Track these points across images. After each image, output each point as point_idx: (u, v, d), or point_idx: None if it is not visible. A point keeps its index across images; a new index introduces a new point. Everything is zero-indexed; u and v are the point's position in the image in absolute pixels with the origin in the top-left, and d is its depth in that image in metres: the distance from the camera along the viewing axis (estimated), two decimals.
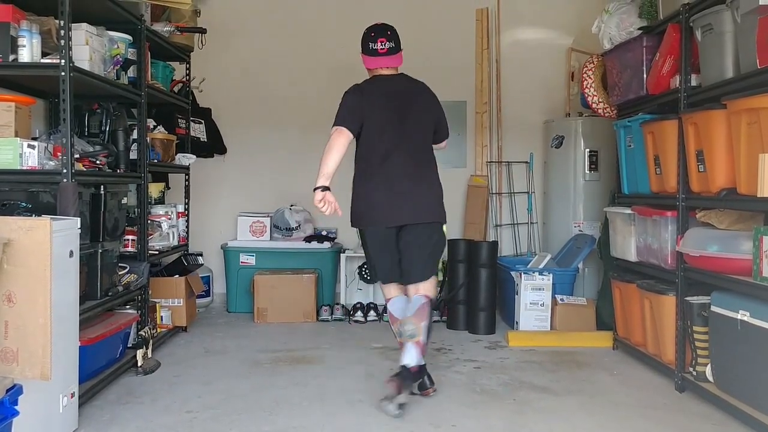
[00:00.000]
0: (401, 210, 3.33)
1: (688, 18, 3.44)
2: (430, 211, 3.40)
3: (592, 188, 5.28)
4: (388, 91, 3.43)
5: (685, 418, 3.16)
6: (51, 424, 2.74)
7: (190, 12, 4.70)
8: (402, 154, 3.35)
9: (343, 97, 3.41)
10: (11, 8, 3.06)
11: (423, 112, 3.46)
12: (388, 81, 3.47)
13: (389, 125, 3.36)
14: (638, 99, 3.98)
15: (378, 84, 3.45)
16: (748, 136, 2.92)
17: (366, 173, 3.40)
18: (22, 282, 2.47)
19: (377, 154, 3.36)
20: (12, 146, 3.01)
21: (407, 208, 3.33)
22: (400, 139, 3.36)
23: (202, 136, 5.55)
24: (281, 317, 5.14)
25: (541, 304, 4.69)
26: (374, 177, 3.37)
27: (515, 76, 5.92)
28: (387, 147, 3.35)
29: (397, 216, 3.33)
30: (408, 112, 3.40)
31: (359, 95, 3.38)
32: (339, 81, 5.59)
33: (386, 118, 3.37)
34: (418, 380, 3.34)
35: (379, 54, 3.43)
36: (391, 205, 3.32)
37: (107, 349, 3.56)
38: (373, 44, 3.43)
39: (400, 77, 3.51)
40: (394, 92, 3.43)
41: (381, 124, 3.36)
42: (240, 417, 3.13)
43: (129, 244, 4.08)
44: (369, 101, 3.37)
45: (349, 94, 3.41)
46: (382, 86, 3.44)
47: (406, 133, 3.38)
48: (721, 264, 3.15)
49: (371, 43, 3.43)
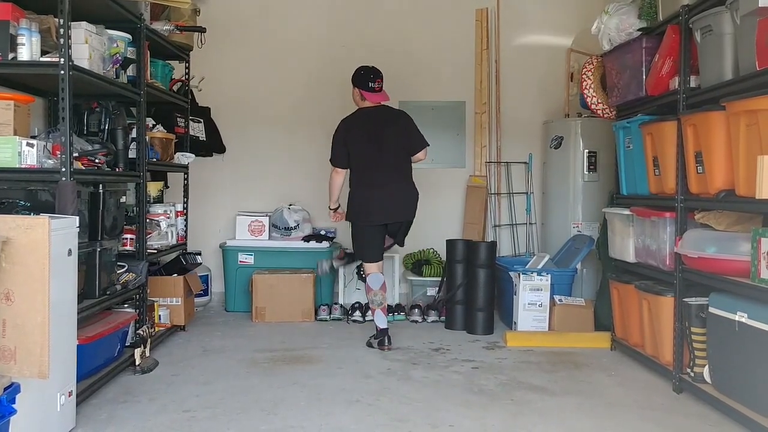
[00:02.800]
0: (389, 211, 4.37)
1: (687, 19, 3.45)
2: (409, 211, 4.45)
3: (591, 189, 5.28)
4: (368, 120, 4.39)
5: (683, 419, 3.16)
6: (48, 423, 2.74)
7: (190, 11, 4.70)
8: (383, 168, 4.34)
9: (334, 133, 4.43)
10: (11, 6, 3.06)
11: (396, 135, 4.38)
12: (371, 112, 4.42)
13: (369, 147, 4.34)
14: (637, 100, 3.98)
15: (361, 116, 4.43)
16: (747, 137, 2.92)
17: (358, 182, 4.42)
18: (20, 280, 2.47)
19: (364, 169, 4.37)
20: (11, 144, 3.01)
21: (393, 210, 4.38)
22: (380, 157, 4.34)
23: (201, 135, 5.55)
24: (279, 317, 5.14)
25: (540, 304, 4.69)
26: (364, 185, 4.37)
27: (514, 77, 5.93)
28: (370, 163, 4.35)
29: (386, 215, 4.38)
30: (384, 136, 4.35)
31: (344, 131, 4.40)
32: (337, 81, 5.65)
33: (365, 142, 4.35)
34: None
35: (376, 91, 4.41)
36: (381, 208, 4.34)
37: (105, 348, 3.56)
38: (372, 83, 4.40)
39: (381, 108, 4.45)
40: (373, 121, 4.39)
41: (362, 147, 4.35)
42: (238, 416, 3.13)
43: (127, 242, 4.08)
44: (352, 133, 4.38)
45: (337, 131, 4.43)
46: (364, 117, 4.42)
47: (384, 152, 4.34)
48: (720, 265, 3.15)
49: (371, 83, 4.39)
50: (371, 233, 4.41)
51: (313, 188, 5.81)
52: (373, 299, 4.43)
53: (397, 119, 4.43)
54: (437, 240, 5.47)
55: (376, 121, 4.37)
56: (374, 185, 4.33)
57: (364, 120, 4.40)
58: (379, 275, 4.45)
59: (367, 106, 4.43)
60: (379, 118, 4.39)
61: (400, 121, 4.43)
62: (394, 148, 4.36)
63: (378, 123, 4.37)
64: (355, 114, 4.47)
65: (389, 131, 4.36)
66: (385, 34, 5.83)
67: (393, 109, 4.52)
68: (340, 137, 4.40)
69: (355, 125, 4.40)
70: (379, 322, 4.40)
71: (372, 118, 4.39)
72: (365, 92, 4.39)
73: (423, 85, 5.89)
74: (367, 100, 4.41)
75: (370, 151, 4.33)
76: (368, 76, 4.41)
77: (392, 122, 4.39)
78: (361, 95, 4.41)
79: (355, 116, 4.46)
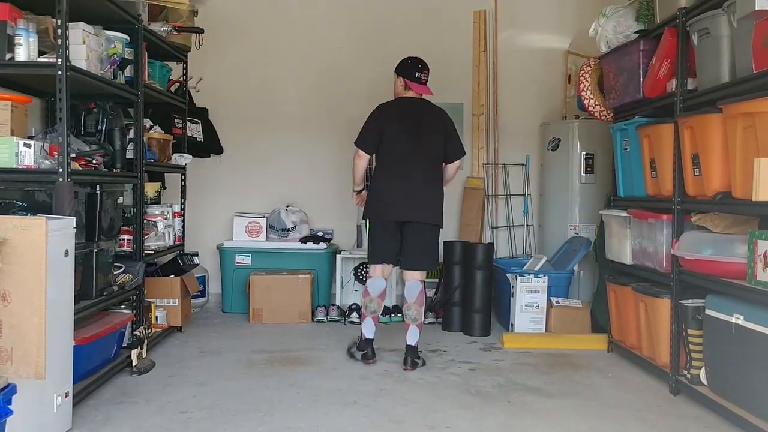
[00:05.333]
0: (405, 209, 3.95)
1: (684, 22, 3.46)
2: (428, 213, 4.01)
3: (588, 191, 5.29)
4: (409, 111, 4.07)
5: (679, 421, 3.17)
6: (45, 424, 2.73)
7: (188, 12, 4.70)
8: (414, 164, 3.97)
9: (369, 116, 4.09)
10: (8, 7, 3.06)
11: (434, 131, 4.05)
12: (412, 102, 4.10)
13: (404, 138, 3.99)
14: (635, 102, 3.99)
15: (401, 104, 4.11)
16: (744, 140, 2.93)
17: (380, 174, 4.05)
18: (17, 281, 2.47)
19: (394, 161, 4.00)
20: (8, 145, 3.00)
21: (411, 209, 3.95)
22: (413, 151, 3.98)
23: (198, 136, 5.54)
24: (276, 318, 5.13)
25: (537, 306, 4.70)
26: (386, 179, 4.01)
27: (512, 79, 5.93)
28: (401, 156, 3.98)
29: (400, 213, 3.96)
30: (421, 130, 4.02)
31: (379, 114, 4.07)
32: (335, 81, 5.67)
33: (402, 132, 4.00)
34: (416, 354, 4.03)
35: (422, 83, 4.11)
36: (397, 205, 3.95)
37: (102, 349, 3.55)
38: (419, 74, 4.10)
39: (422, 101, 4.13)
40: (413, 112, 4.07)
41: (397, 137, 4.00)
42: (234, 417, 3.13)
43: (124, 243, 4.07)
44: (388, 118, 4.04)
45: (372, 114, 4.09)
46: (403, 106, 4.09)
47: (419, 147, 3.99)
48: (716, 267, 3.15)
49: (417, 73, 4.10)
50: (383, 232, 4.04)
51: (311, 189, 5.81)
52: (368, 305, 4.07)
53: (440, 117, 4.11)
54: None
55: (418, 113, 4.06)
56: (401, 179, 3.96)
57: (405, 109, 4.07)
58: (381, 281, 4.09)
59: (410, 96, 4.11)
60: (421, 110, 4.08)
61: (444, 120, 4.11)
62: (432, 144, 4.03)
63: (419, 115, 4.05)
64: (394, 101, 4.15)
65: (430, 126, 4.04)
66: (383, 35, 5.83)
67: (436, 106, 4.14)
68: (375, 121, 4.05)
69: (393, 112, 4.07)
70: (366, 331, 4.06)
71: (414, 109, 4.07)
72: (410, 82, 4.08)
73: None
74: (412, 90, 4.09)
75: (405, 142, 3.99)
76: (416, 66, 4.11)
77: (434, 118, 4.08)
78: (405, 84, 4.09)
79: (394, 103, 4.13)
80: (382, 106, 4.13)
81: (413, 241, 4.01)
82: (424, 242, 4.03)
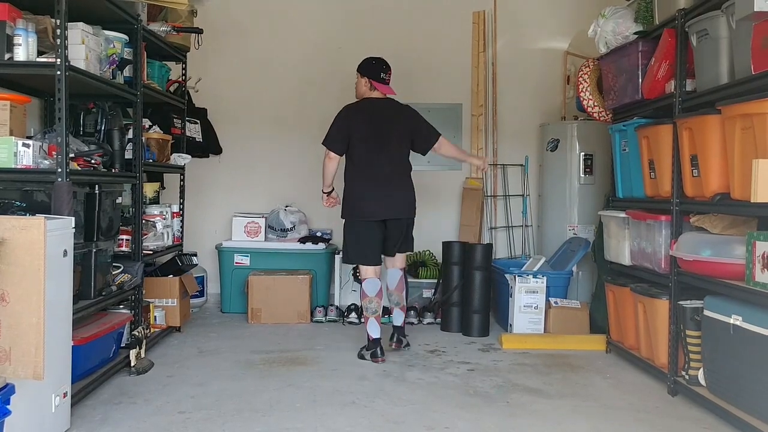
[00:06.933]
0: (387, 207, 4.16)
1: (683, 23, 3.46)
2: (408, 208, 4.26)
3: (587, 192, 5.30)
4: (374, 111, 4.20)
5: (677, 422, 3.17)
6: (43, 424, 2.73)
7: (187, 12, 4.70)
8: (386, 163, 4.16)
9: (336, 117, 4.21)
10: (7, 7, 3.06)
11: (403, 129, 4.23)
12: (377, 102, 4.23)
13: (374, 138, 4.15)
14: (633, 103, 3.99)
15: (367, 105, 4.24)
16: (742, 141, 2.93)
17: (355, 175, 4.20)
18: (15, 281, 2.47)
19: (367, 162, 4.15)
20: (7, 145, 3.00)
21: (392, 206, 4.17)
22: (383, 150, 4.15)
23: (197, 136, 5.54)
24: (275, 318, 5.14)
25: (535, 306, 4.70)
26: (362, 179, 4.17)
27: (511, 79, 5.93)
28: (372, 156, 4.14)
29: (384, 212, 4.16)
30: (388, 129, 4.18)
31: (347, 117, 4.19)
32: (335, 82, 5.67)
33: (369, 132, 4.15)
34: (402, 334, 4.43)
35: (386, 83, 4.26)
36: (379, 204, 4.14)
37: (100, 349, 3.55)
38: (384, 74, 4.25)
39: (388, 100, 4.28)
40: (380, 112, 4.21)
41: (365, 137, 4.14)
42: (233, 418, 3.13)
43: (123, 243, 4.06)
44: (357, 120, 4.17)
45: (339, 116, 4.21)
46: (369, 107, 4.22)
47: (390, 146, 4.17)
48: (715, 268, 3.16)
49: (383, 74, 4.24)
50: (368, 232, 4.16)
51: (309, 190, 5.80)
52: (368, 306, 4.18)
53: (407, 114, 4.27)
54: (433, 242, 5.47)
55: (384, 113, 4.20)
56: (376, 178, 4.13)
57: (371, 110, 4.19)
58: (375, 281, 4.22)
59: (375, 97, 4.24)
60: (386, 110, 4.22)
61: (411, 116, 4.28)
62: (399, 142, 4.20)
63: (385, 115, 4.19)
64: (360, 102, 4.27)
65: (396, 125, 4.19)
66: (382, 36, 5.83)
67: (398, 103, 4.31)
68: (343, 123, 4.17)
69: (360, 114, 4.19)
70: (372, 331, 4.16)
71: (379, 109, 4.20)
72: (376, 83, 4.21)
73: (419, 87, 5.88)
74: (377, 90, 4.22)
75: (374, 143, 4.13)
76: (380, 67, 4.24)
77: (399, 116, 4.23)
78: (371, 85, 4.21)
79: (360, 104, 4.26)
80: (349, 107, 4.26)
81: (397, 234, 4.24)
82: (407, 232, 4.31)
